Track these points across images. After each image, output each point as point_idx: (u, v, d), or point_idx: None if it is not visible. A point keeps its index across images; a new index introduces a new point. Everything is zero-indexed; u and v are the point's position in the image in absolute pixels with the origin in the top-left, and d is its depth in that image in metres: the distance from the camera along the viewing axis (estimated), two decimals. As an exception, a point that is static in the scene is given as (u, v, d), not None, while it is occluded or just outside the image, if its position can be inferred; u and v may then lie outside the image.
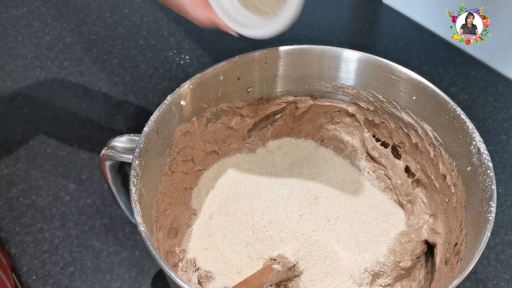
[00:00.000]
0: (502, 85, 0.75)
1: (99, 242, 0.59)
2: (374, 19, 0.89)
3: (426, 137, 0.51)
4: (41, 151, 0.68)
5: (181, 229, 0.53)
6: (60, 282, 0.56)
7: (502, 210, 0.61)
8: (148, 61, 0.80)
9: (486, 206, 0.41)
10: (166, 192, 0.51)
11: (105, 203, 0.63)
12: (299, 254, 0.49)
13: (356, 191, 0.56)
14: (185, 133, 0.52)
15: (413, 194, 0.54)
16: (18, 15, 0.88)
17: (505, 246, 0.58)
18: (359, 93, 0.55)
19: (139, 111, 0.73)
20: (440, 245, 0.50)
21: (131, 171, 0.44)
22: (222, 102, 0.54)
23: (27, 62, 0.80)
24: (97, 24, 0.87)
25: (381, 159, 0.57)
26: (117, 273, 0.57)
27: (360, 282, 0.49)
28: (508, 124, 0.70)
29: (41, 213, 0.62)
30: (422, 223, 0.53)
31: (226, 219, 0.52)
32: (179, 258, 0.51)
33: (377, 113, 0.56)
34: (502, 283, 0.56)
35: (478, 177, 0.44)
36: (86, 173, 0.66)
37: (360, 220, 0.53)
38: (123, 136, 0.48)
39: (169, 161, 0.51)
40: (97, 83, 0.77)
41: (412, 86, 0.51)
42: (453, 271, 0.44)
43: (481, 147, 0.45)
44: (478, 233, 0.41)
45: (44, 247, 0.59)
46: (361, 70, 0.54)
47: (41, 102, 0.74)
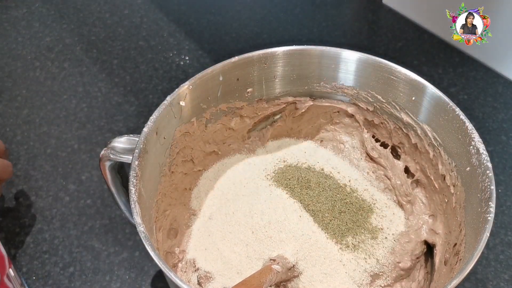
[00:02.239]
0: (501, 86, 0.75)
1: (99, 243, 0.59)
2: (374, 20, 0.89)
3: (425, 138, 0.51)
4: (41, 152, 0.69)
5: (181, 229, 0.53)
6: (60, 282, 0.56)
7: (502, 211, 0.61)
8: (148, 61, 0.80)
9: (485, 207, 0.41)
10: (166, 192, 0.51)
11: (105, 204, 0.63)
12: (298, 254, 0.49)
13: (356, 192, 0.56)
14: (184, 133, 0.52)
15: (412, 195, 0.54)
16: (18, 16, 0.89)
17: (505, 247, 0.58)
18: (359, 94, 0.55)
19: (139, 112, 0.73)
20: (440, 246, 0.50)
21: (131, 171, 0.44)
22: (221, 103, 0.55)
23: (27, 62, 0.80)
24: (97, 25, 0.87)
25: (380, 159, 0.57)
26: (117, 273, 0.57)
27: (359, 283, 0.49)
28: (507, 124, 0.70)
29: (41, 214, 0.62)
30: (421, 223, 0.53)
31: (226, 219, 0.52)
32: (178, 259, 0.51)
33: (376, 114, 0.56)
34: (502, 284, 0.56)
35: (477, 177, 0.44)
36: (86, 173, 0.66)
37: (360, 221, 0.53)
38: (123, 137, 0.48)
39: (168, 161, 0.51)
40: (97, 83, 0.77)
41: (411, 87, 0.51)
42: (452, 271, 0.44)
43: (480, 147, 0.45)
44: (477, 234, 0.41)
45: (44, 248, 0.59)
46: (360, 71, 0.54)
47: (41, 103, 0.75)
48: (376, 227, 0.53)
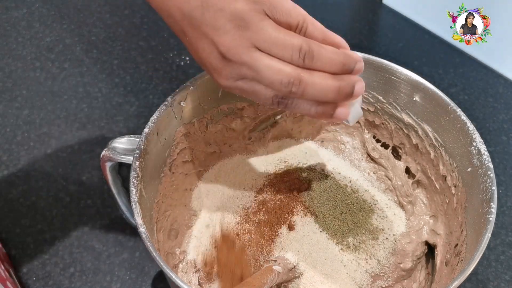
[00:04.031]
0: (502, 86, 0.75)
1: (99, 243, 0.59)
2: (374, 20, 0.89)
3: (426, 138, 0.51)
4: (41, 152, 0.68)
5: (181, 230, 0.53)
6: (60, 283, 0.56)
7: (503, 211, 0.61)
8: (148, 62, 0.80)
9: (487, 207, 0.41)
10: (166, 193, 0.51)
11: (105, 205, 0.63)
12: (299, 255, 0.49)
13: (356, 193, 0.56)
14: (185, 134, 0.52)
15: (413, 195, 0.54)
16: (18, 16, 0.88)
17: (506, 247, 0.58)
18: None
19: (139, 112, 0.73)
20: (441, 246, 0.50)
21: (131, 172, 0.44)
22: (222, 103, 0.54)
23: (27, 63, 0.80)
24: (97, 25, 0.87)
25: (381, 160, 0.57)
26: (117, 274, 0.57)
27: (360, 284, 0.49)
28: (508, 125, 0.70)
29: (41, 214, 0.62)
30: (422, 224, 0.53)
31: (226, 220, 0.52)
32: (179, 259, 0.51)
33: (377, 114, 0.56)
34: (503, 284, 0.56)
35: (479, 178, 0.44)
36: (86, 174, 0.66)
37: (360, 221, 0.53)
38: (124, 137, 0.48)
39: (169, 162, 0.51)
40: (97, 84, 0.77)
41: (412, 87, 0.51)
42: (453, 272, 0.44)
43: (481, 148, 0.45)
44: (478, 234, 0.41)
45: (44, 248, 0.59)
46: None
47: (41, 103, 0.74)
48: (377, 227, 0.53)
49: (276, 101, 0.39)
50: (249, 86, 0.38)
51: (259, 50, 0.37)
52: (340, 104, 0.40)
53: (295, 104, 0.39)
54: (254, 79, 0.38)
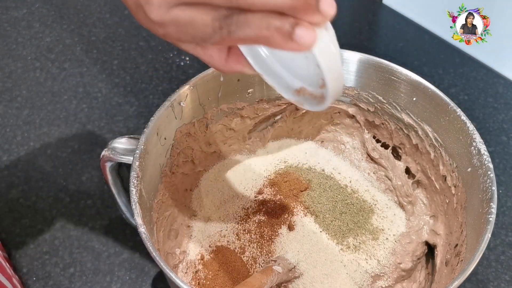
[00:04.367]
0: (502, 86, 0.75)
1: (99, 244, 0.59)
2: (374, 20, 0.89)
3: (426, 138, 0.51)
4: (41, 153, 0.68)
5: (181, 230, 0.53)
6: (60, 283, 0.56)
7: (503, 211, 0.61)
8: (148, 62, 0.80)
9: (487, 207, 0.41)
10: (166, 193, 0.51)
11: (105, 205, 0.63)
12: (299, 255, 0.49)
13: (357, 193, 0.56)
14: (185, 134, 0.52)
15: (413, 195, 0.54)
16: (18, 16, 0.88)
17: (506, 247, 0.58)
18: (359, 94, 0.55)
19: (139, 113, 0.73)
20: (441, 246, 0.50)
21: (131, 172, 0.44)
22: (222, 103, 0.54)
23: (27, 63, 0.80)
24: (97, 25, 0.87)
25: (381, 160, 0.57)
26: (117, 274, 0.57)
27: (360, 284, 0.49)
28: (508, 125, 0.70)
29: (41, 215, 0.62)
30: (422, 224, 0.53)
31: (226, 220, 0.52)
32: (179, 260, 0.51)
33: (377, 114, 0.56)
34: (502, 284, 0.56)
35: (479, 178, 0.44)
36: (86, 174, 0.66)
37: (360, 222, 0.53)
38: (123, 138, 0.48)
39: (169, 162, 0.51)
40: (97, 84, 0.77)
41: (412, 87, 0.51)
42: (453, 272, 0.44)
43: (481, 148, 0.45)
44: (478, 234, 0.41)
45: (44, 249, 0.59)
46: (361, 71, 0.54)
47: (41, 104, 0.74)
48: (377, 228, 0.53)
49: (218, 26, 0.30)
50: (186, 15, 0.31)
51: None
52: (301, 23, 0.29)
53: (242, 24, 0.30)
54: (190, 2, 0.30)
